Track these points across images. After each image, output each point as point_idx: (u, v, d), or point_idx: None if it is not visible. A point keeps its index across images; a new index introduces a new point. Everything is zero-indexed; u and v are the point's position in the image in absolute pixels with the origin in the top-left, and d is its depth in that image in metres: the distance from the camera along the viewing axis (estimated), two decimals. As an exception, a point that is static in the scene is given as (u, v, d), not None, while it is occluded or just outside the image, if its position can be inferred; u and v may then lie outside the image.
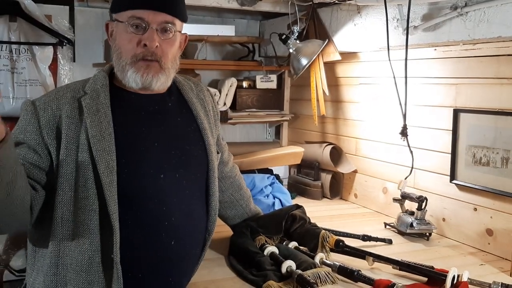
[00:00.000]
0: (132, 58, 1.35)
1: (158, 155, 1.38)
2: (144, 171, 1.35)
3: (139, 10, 1.33)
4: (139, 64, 1.35)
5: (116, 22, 1.38)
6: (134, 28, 1.34)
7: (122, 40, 1.37)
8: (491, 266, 1.68)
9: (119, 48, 1.38)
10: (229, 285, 1.48)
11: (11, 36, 2.34)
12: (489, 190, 1.79)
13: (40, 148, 1.30)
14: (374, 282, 1.41)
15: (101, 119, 1.32)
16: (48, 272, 1.30)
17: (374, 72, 2.36)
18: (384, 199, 2.32)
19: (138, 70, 1.36)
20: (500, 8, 1.60)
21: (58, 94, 1.37)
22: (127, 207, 1.31)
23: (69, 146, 1.30)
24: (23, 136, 1.31)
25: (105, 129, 1.31)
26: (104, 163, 1.28)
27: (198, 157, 1.48)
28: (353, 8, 2.26)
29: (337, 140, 2.65)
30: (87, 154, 1.29)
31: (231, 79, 2.75)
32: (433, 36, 1.86)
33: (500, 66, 1.76)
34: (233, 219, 1.82)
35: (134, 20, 1.33)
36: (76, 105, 1.34)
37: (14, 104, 2.34)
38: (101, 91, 1.37)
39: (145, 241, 1.34)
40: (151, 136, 1.39)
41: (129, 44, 1.35)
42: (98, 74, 1.43)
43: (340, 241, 1.66)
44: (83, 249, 1.28)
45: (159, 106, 1.44)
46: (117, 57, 1.38)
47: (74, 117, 1.32)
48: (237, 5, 2.44)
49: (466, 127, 1.89)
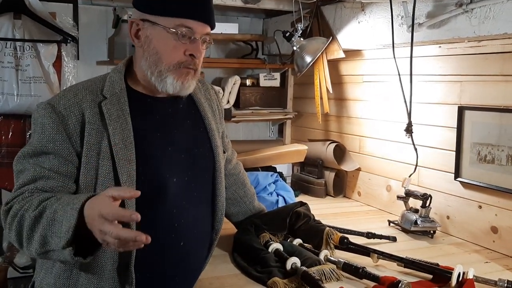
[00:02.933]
0: (175, 66, 1.34)
1: (171, 160, 1.39)
2: (159, 178, 1.36)
3: (190, 20, 1.32)
4: (181, 71, 1.35)
5: (152, 24, 1.33)
6: (182, 37, 1.32)
7: (165, 45, 1.33)
8: (496, 264, 1.67)
9: (158, 52, 1.33)
10: (234, 281, 1.48)
11: (16, 34, 2.35)
12: (494, 187, 1.79)
13: (72, 157, 1.28)
14: (379, 279, 1.41)
15: (122, 126, 1.31)
16: (61, 275, 1.29)
17: (378, 69, 2.35)
18: (388, 197, 2.32)
19: (179, 77, 1.35)
20: (505, 5, 1.59)
21: (77, 97, 1.32)
22: (141, 212, 1.29)
23: (90, 153, 1.28)
24: (53, 145, 1.27)
25: (127, 137, 1.30)
26: (126, 173, 1.28)
27: (206, 159, 1.49)
28: (357, 6, 2.26)
29: (340, 138, 2.65)
30: (109, 162, 1.28)
31: (235, 77, 2.75)
32: (438, 33, 1.86)
33: (505, 63, 1.75)
34: (236, 216, 1.82)
35: (183, 29, 1.31)
36: (97, 111, 1.31)
37: (18, 101, 2.35)
38: (120, 95, 1.35)
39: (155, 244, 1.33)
40: (165, 141, 1.40)
41: (175, 52, 1.33)
42: (114, 75, 1.39)
43: (345, 238, 1.66)
44: (97, 256, 1.26)
45: (172, 109, 1.44)
46: (153, 61, 1.34)
47: (95, 123, 1.30)
48: (240, 3, 2.44)
49: (470, 125, 1.88)
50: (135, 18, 1.37)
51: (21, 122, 2.43)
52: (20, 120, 2.43)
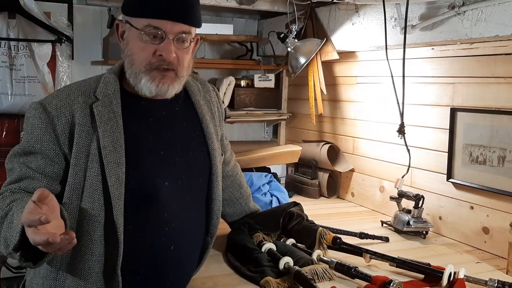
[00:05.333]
0: (146, 67, 1.31)
1: (163, 164, 1.37)
2: (150, 181, 1.34)
3: (156, 20, 1.27)
4: (154, 73, 1.31)
5: (129, 26, 1.32)
6: (150, 37, 1.29)
7: (136, 47, 1.31)
8: (487, 264, 1.69)
9: (132, 54, 1.32)
10: (227, 281, 1.48)
11: (10, 33, 2.34)
12: (486, 188, 1.80)
13: (59, 158, 1.27)
14: (371, 278, 1.42)
15: (113, 129, 1.29)
16: (48, 276, 1.29)
17: (371, 71, 2.37)
18: (381, 198, 2.33)
19: (153, 79, 1.31)
20: (497, 7, 1.61)
21: (69, 98, 1.31)
22: (129, 215, 1.30)
23: (79, 155, 1.27)
24: (40, 146, 1.26)
25: (117, 140, 1.28)
26: (114, 176, 1.26)
27: (201, 162, 1.47)
28: (351, 7, 2.27)
29: (334, 139, 2.66)
30: (97, 165, 1.26)
31: (229, 78, 2.75)
32: (430, 35, 1.87)
33: (497, 66, 1.77)
34: (231, 217, 1.82)
35: (150, 29, 1.28)
36: (88, 112, 1.29)
37: (12, 101, 2.35)
38: (113, 97, 1.33)
39: (145, 247, 1.34)
40: (157, 144, 1.37)
41: (143, 53, 1.30)
42: (109, 76, 1.37)
43: (337, 238, 1.66)
44: (84, 258, 1.26)
45: (167, 112, 1.42)
46: (129, 63, 1.33)
47: (85, 124, 1.28)
48: (235, 4, 2.45)
49: (462, 126, 1.90)
50: (120, 19, 1.37)
51: (15, 122, 2.43)
52: (14, 120, 2.43)
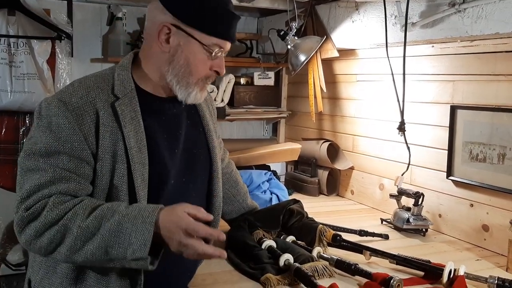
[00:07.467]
0: (202, 79, 1.37)
1: (174, 161, 1.40)
2: (164, 179, 1.36)
3: (223, 41, 1.35)
4: (202, 85, 1.39)
5: (187, 35, 1.31)
6: (210, 54, 1.34)
7: (196, 59, 1.34)
8: (487, 261, 1.69)
9: (189, 65, 1.34)
10: (227, 278, 1.48)
11: (10, 30, 2.34)
12: (486, 186, 1.81)
13: (89, 158, 1.26)
14: (372, 275, 1.42)
15: (136, 129, 1.30)
16: (68, 274, 1.27)
17: (371, 69, 2.37)
18: (380, 196, 2.33)
19: (202, 89, 1.40)
20: (498, 5, 1.61)
21: (90, 95, 1.28)
22: None
23: (104, 156, 1.26)
24: (70, 146, 1.23)
25: (141, 140, 1.30)
26: (140, 177, 1.27)
27: (203, 160, 1.51)
28: (351, 5, 2.27)
29: (334, 137, 2.66)
30: (124, 165, 1.27)
31: (229, 76, 2.75)
32: (431, 32, 1.87)
33: (497, 63, 1.77)
34: (230, 214, 1.82)
35: (217, 48, 1.34)
36: (110, 111, 1.28)
37: (12, 98, 2.35)
38: (131, 96, 1.33)
39: None
40: (171, 142, 1.40)
41: (204, 66, 1.36)
42: (123, 73, 1.35)
43: (337, 235, 1.66)
44: None
45: (176, 109, 1.44)
46: (182, 72, 1.35)
47: (109, 124, 1.27)
48: (235, 2, 2.44)
49: (462, 124, 1.90)
50: (165, 21, 1.31)
51: (14, 119, 2.43)
52: (13, 117, 2.43)
